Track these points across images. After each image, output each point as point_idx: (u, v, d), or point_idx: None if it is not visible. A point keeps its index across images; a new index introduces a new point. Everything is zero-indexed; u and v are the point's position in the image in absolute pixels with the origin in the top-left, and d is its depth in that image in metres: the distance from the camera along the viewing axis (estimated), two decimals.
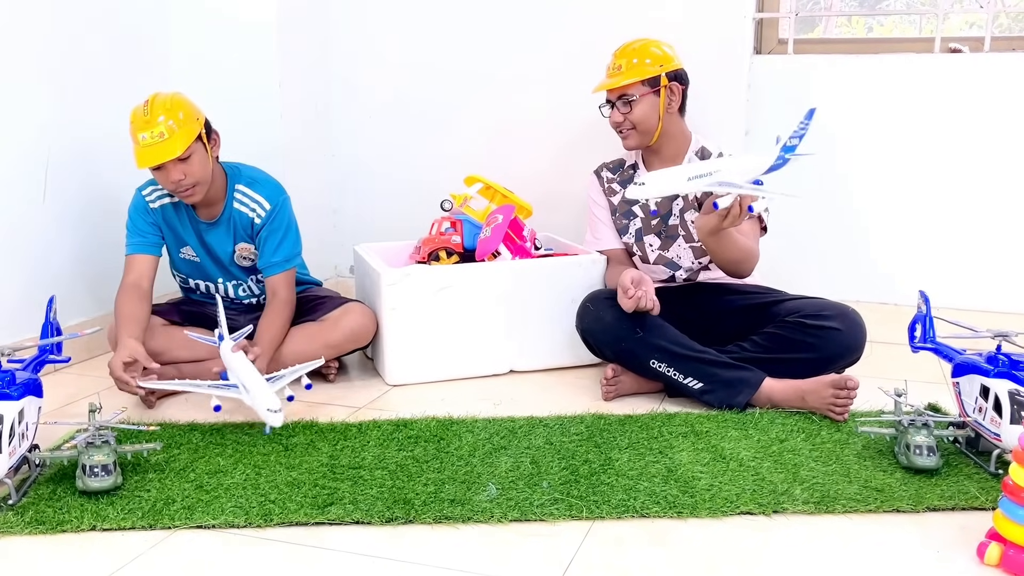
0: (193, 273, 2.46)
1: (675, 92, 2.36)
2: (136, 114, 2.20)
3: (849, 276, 2.80)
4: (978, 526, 1.59)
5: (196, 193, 2.27)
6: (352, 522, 1.65)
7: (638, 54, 2.35)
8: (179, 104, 2.22)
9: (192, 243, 2.40)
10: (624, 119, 2.36)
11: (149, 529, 1.63)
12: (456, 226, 2.66)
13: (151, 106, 2.18)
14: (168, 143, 2.16)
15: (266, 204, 2.36)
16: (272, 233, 2.36)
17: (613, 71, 2.37)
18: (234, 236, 2.39)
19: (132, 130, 2.19)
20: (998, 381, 1.78)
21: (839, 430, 2.04)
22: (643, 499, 1.72)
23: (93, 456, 1.72)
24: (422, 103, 3.15)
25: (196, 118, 2.24)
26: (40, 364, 1.96)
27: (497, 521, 1.66)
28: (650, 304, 2.15)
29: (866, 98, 2.73)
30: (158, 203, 2.36)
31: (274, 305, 2.35)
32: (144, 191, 2.36)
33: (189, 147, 2.18)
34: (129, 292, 2.29)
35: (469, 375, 2.47)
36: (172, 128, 2.17)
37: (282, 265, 2.37)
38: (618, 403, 2.26)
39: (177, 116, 2.19)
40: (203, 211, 2.36)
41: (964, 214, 2.70)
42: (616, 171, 2.51)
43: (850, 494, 1.73)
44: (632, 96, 2.34)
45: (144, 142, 2.17)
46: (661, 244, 2.42)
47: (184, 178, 2.21)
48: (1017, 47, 2.69)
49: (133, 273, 2.32)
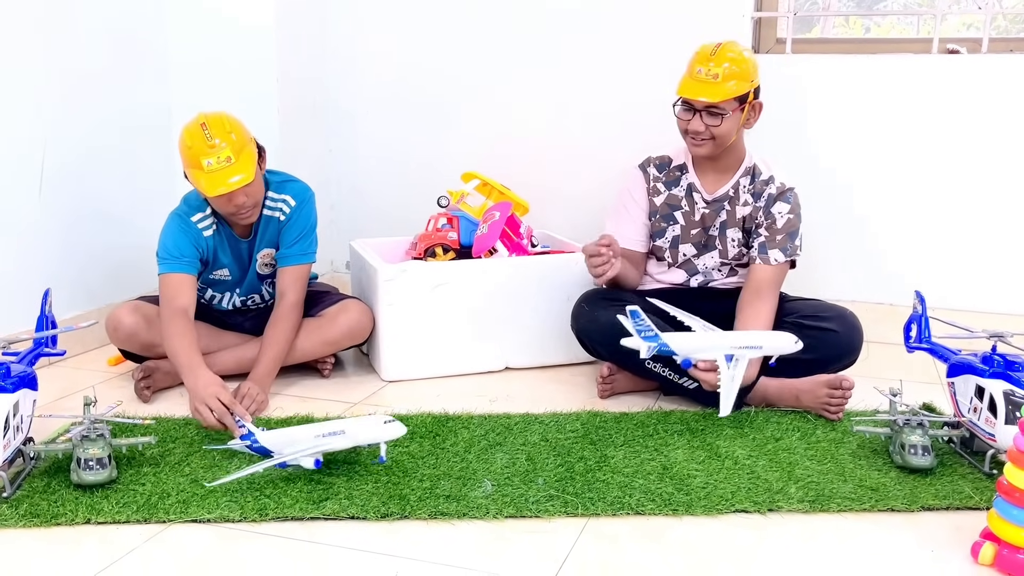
0: (216, 287, 2.40)
1: (756, 110, 2.22)
2: (194, 138, 2.11)
3: (845, 276, 2.81)
4: (972, 526, 1.59)
5: (254, 215, 2.23)
6: (347, 517, 1.65)
7: (737, 64, 2.15)
8: (236, 126, 2.16)
9: (228, 263, 2.33)
10: (706, 129, 2.18)
11: (144, 523, 1.63)
12: (453, 222, 2.66)
13: (210, 128, 2.10)
14: (237, 167, 2.10)
15: (292, 201, 2.31)
16: (293, 226, 2.32)
17: (707, 78, 2.14)
18: (263, 242, 2.33)
19: (191, 155, 2.10)
20: (993, 381, 1.78)
21: (834, 429, 2.05)
22: (638, 496, 1.72)
23: (88, 449, 1.71)
24: (419, 99, 3.15)
25: (251, 138, 2.19)
26: (35, 357, 1.95)
27: (492, 517, 1.66)
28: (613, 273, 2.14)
29: (863, 98, 2.73)
30: (211, 231, 2.27)
31: (282, 309, 2.29)
32: (193, 218, 2.25)
33: (255, 170, 2.14)
34: (182, 319, 2.15)
35: (465, 371, 2.47)
36: (238, 150, 2.11)
37: (297, 258, 2.33)
38: (614, 401, 2.26)
39: (239, 138, 2.13)
40: (239, 228, 2.31)
41: (960, 215, 2.70)
42: (663, 170, 2.35)
43: (845, 493, 1.74)
44: (724, 111, 2.15)
45: (210, 168, 2.08)
46: (696, 253, 2.35)
47: (246, 200, 2.16)
48: (1015, 48, 2.69)
49: (180, 294, 2.19)
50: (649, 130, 2.81)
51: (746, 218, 2.28)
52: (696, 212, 2.30)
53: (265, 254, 2.36)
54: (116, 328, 2.29)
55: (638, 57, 2.88)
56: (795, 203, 2.27)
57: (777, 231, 2.25)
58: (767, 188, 2.27)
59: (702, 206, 2.29)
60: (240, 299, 2.43)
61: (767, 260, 2.24)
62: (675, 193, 2.31)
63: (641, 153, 2.38)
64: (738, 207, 2.28)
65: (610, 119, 2.94)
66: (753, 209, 2.27)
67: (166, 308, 2.19)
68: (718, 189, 2.28)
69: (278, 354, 2.26)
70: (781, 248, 2.25)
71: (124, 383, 2.36)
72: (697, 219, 2.30)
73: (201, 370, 2.07)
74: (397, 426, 1.79)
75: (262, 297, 2.46)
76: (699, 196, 2.29)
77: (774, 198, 2.26)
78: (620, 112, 2.92)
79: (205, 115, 2.16)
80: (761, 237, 2.27)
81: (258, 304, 2.47)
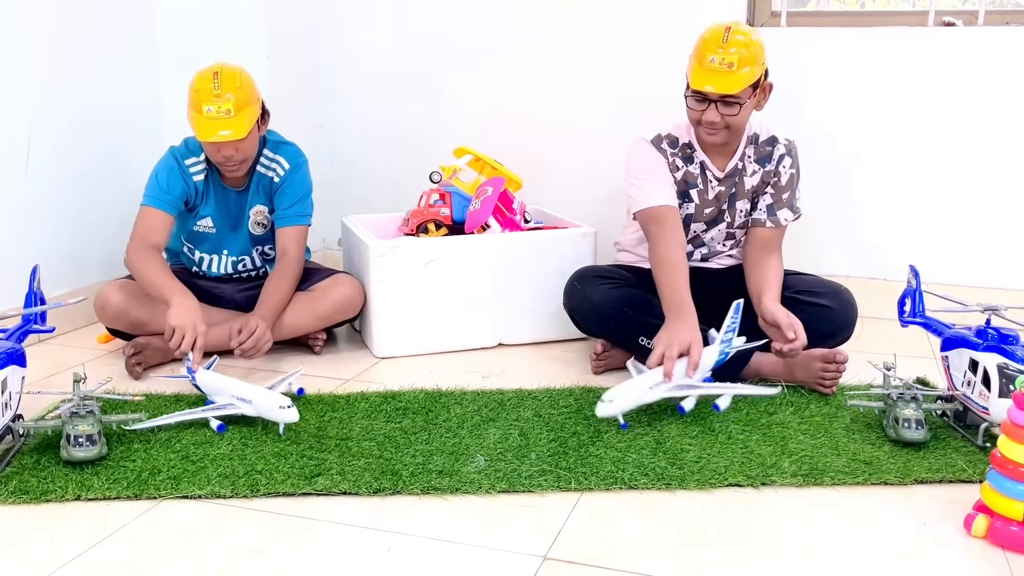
0: (202, 245, 2.42)
1: (767, 92, 2.17)
2: (203, 83, 2.16)
3: (839, 251, 2.80)
4: (965, 498, 1.59)
5: (241, 169, 2.28)
6: (339, 493, 1.65)
7: (750, 50, 2.08)
8: (247, 83, 2.21)
9: (212, 213, 2.36)
10: (722, 119, 2.11)
11: (135, 499, 1.62)
12: (445, 198, 2.65)
13: (221, 79, 2.16)
14: (233, 121, 2.15)
15: (285, 164, 2.36)
16: (288, 189, 2.36)
17: (722, 68, 2.06)
18: (255, 199, 2.38)
19: (196, 98, 2.16)
20: (987, 355, 1.78)
21: (828, 404, 2.05)
22: (631, 471, 1.71)
23: (77, 426, 1.70)
24: (411, 74, 3.12)
25: (257, 98, 2.24)
26: (24, 334, 1.93)
27: (485, 492, 1.65)
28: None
29: (859, 72, 2.71)
30: (201, 177, 2.32)
31: (283, 265, 2.34)
32: (187, 160, 2.30)
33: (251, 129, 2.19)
34: (155, 253, 2.24)
35: (457, 348, 2.46)
36: (239, 106, 2.16)
37: (295, 219, 2.37)
38: (607, 376, 2.26)
39: (244, 96, 2.18)
40: (229, 179, 2.35)
41: (955, 189, 2.69)
42: (675, 146, 2.25)
43: (838, 467, 1.74)
44: (741, 100, 2.09)
45: (209, 114, 2.14)
46: (705, 229, 2.32)
47: (235, 154, 2.22)
48: (1011, 21, 2.67)
49: (155, 231, 2.26)
50: (644, 105, 2.81)
51: (755, 186, 2.27)
52: (710, 191, 2.26)
53: (258, 211, 2.38)
54: (104, 306, 2.27)
55: (633, 31, 2.86)
56: (796, 155, 2.28)
57: (782, 188, 2.25)
58: (773, 149, 2.25)
59: (715, 184, 2.26)
60: (232, 261, 2.43)
61: (777, 222, 2.25)
62: (691, 170, 2.26)
63: (636, 128, 2.34)
64: (746, 178, 2.26)
65: (604, 94, 2.92)
66: (763, 174, 2.25)
67: (139, 242, 2.25)
68: (727, 164, 2.25)
69: (282, 300, 2.31)
70: (788, 206, 2.26)
71: (114, 360, 2.35)
72: (711, 197, 2.27)
73: (186, 296, 2.14)
74: (292, 412, 1.83)
75: (254, 262, 2.46)
76: (711, 174, 2.26)
77: (782, 156, 2.25)
78: (614, 87, 2.90)
79: (221, 64, 2.21)
80: (768, 198, 2.26)
81: (249, 270, 2.47)
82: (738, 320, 2.02)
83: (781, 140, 2.26)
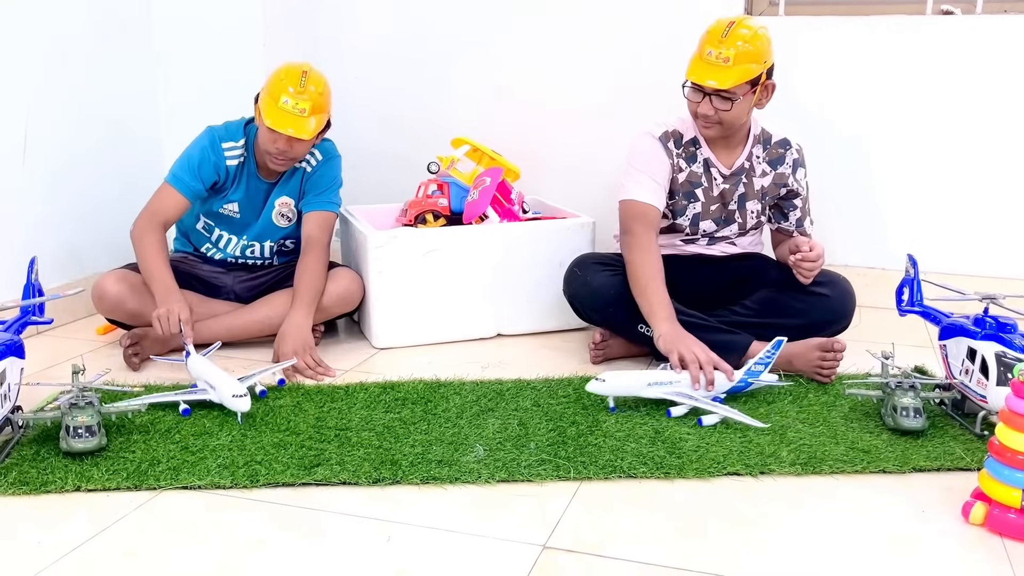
0: (223, 225, 2.43)
1: (769, 91, 2.15)
2: (290, 76, 2.21)
3: (838, 240, 2.80)
4: (963, 486, 1.60)
5: (286, 166, 2.31)
6: (339, 483, 1.65)
7: (751, 43, 2.06)
8: (328, 92, 2.27)
9: (240, 199, 2.38)
10: (716, 113, 2.11)
11: (134, 490, 1.62)
12: (443, 189, 2.64)
13: (308, 79, 2.21)
14: (303, 121, 2.20)
15: (319, 155, 2.40)
16: (320, 178, 2.40)
17: (718, 61, 2.05)
18: (283, 189, 2.40)
19: (277, 88, 2.20)
20: (985, 343, 1.78)
21: (826, 392, 2.05)
22: (630, 460, 1.72)
23: (77, 417, 1.70)
24: (409, 64, 3.11)
25: (329, 109, 2.29)
26: (22, 326, 1.93)
27: (484, 482, 1.65)
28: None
29: (857, 60, 2.71)
30: (235, 162, 2.33)
31: (311, 252, 2.34)
32: (225, 143, 2.32)
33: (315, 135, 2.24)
34: (159, 232, 2.26)
35: (456, 338, 2.46)
36: (314, 110, 2.21)
37: (324, 204, 2.40)
38: (606, 366, 2.26)
39: (322, 101, 2.24)
40: (264, 170, 2.36)
41: (953, 177, 2.69)
42: (679, 145, 2.24)
43: (836, 455, 1.74)
44: (735, 96, 2.08)
45: (284, 106, 2.18)
46: (716, 229, 2.30)
47: (289, 151, 2.24)
48: (1009, 9, 2.67)
49: (168, 210, 2.29)
50: (643, 95, 2.81)
51: (766, 187, 2.26)
52: (715, 188, 2.25)
53: (283, 202, 2.40)
54: (101, 297, 2.27)
55: (633, 22, 2.85)
56: (806, 162, 2.31)
57: (805, 199, 2.32)
58: (787, 153, 2.26)
59: (720, 181, 2.25)
60: (243, 246, 2.44)
61: (804, 232, 2.33)
62: (695, 170, 2.24)
63: (635, 118, 2.35)
64: (755, 179, 2.26)
65: (603, 84, 2.92)
66: (775, 176, 2.25)
67: (148, 217, 2.28)
68: (734, 162, 2.25)
69: (317, 289, 2.31)
70: (809, 215, 2.34)
71: (113, 351, 2.35)
72: (716, 195, 2.26)
73: (172, 290, 2.19)
74: (244, 402, 1.86)
75: (262, 252, 2.46)
76: (716, 171, 2.25)
77: (797, 163, 2.27)
78: (614, 77, 2.90)
79: (310, 66, 2.27)
80: (797, 211, 2.31)
81: (256, 258, 2.47)
82: (774, 356, 1.98)
83: (793, 144, 2.27)
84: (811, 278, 2.16)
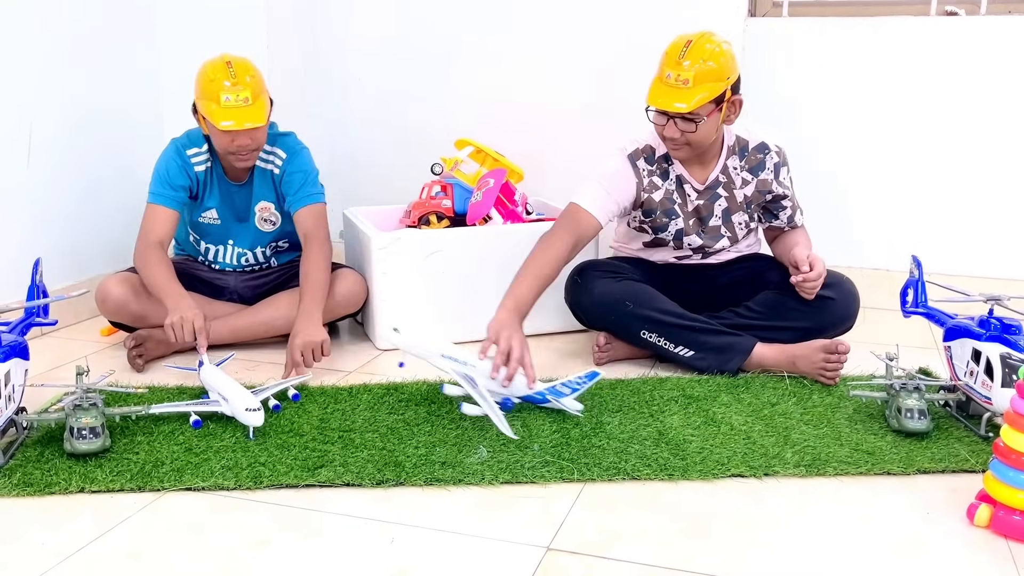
0: (208, 236, 2.42)
1: (736, 107, 2.10)
2: (217, 72, 2.17)
3: (842, 241, 2.79)
4: (968, 488, 1.59)
5: (252, 159, 2.28)
6: (343, 484, 1.65)
7: (712, 60, 2.02)
8: (257, 72, 2.23)
9: (216, 205, 2.36)
10: (682, 135, 2.08)
11: (138, 491, 1.62)
12: (447, 190, 2.64)
13: (235, 69, 2.18)
14: (253, 109, 2.16)
15: (282, 154, 2.35)
16: (291, 176, 2.35)
17: (677, 84, 2.02)
18: (259, 194, 2.37)
19: (212, 88, 2.16)
20: (990, 345, 1.78)
21: (830, 394, 2.05)
22: (634, 462, 1.71)
23: (81, 419, 1.70)
24: (413, 65, 3.11)
25: (266, 87, 2.25)
26: (26, 327, 1.93)
27: (488, 483, 1.65)
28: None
29: (861, 61, 2.71)
30: (202, 167, 2.31)
31: (311, 249, 2.29)
32: (189, 151, 2.30)
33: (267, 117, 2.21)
34: (159, 250, 2.24)
35: (460, 339, 2.44)
36: (256, 94, 2.18)
37: (308, 198, 2.34)
38: (609, 368, 2.25)
39: (258, 83, 2.21)
40: (232, 172, 2.34)
41: (957, 178, 2.69)
42: (651, 162, 2.22)
43: (841, 457, 1.74)
44: (699, 118, 2.05)
45: (228, 103, 2.15)
46: (703, 243, 2.28)
47: (250, 143, 2.22)
48: (1013, 10, 2.66)
49: (159, 227, 2.26)
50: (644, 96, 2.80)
51: (750, 196, 2.25)
52: (689, 204, 2.24)
53: (263, 207, 2.37)
54: (105, 299, 2.28)
55: (637, 22, 2.85)
56: (787, 161, 2.29)
57: (792, 196, 2.30)
58: (766, 157, 2.24)
59: (695, 197, 2.24)
60: (238, 254, 2.43)
61: (795, 225, 2.32)
62: (668, 188, 2.23)
63: (640, 120, 2.33)
64: (736, 190, 2.24)
65: (605, 85, 2.91)
66: (758, 184, 2.24)
67: (143, 240, 2.26)
68: (707, 176, 2.23)
69: (323, 289, 2.25)
70: (798, 208, 2.32)
71: (117, 353, 2.35)
72: (691, 210, 2.25)
73: (184, 297, 2.15)
74: (257, 416, 1.80)
75: (257, 258, 2.45)
76: (690, 187, 2.24)
77: (779, 165, 2.25)
78: (615, 78, 2.89)
79: (229, 55, 2.22)
80: (786, 210, 2.29)
81: (253, 264, 2.46)
82: (585, 385, 1.92)
83: (772, 147, 2.24)
84: (814, 295, 2.14)
